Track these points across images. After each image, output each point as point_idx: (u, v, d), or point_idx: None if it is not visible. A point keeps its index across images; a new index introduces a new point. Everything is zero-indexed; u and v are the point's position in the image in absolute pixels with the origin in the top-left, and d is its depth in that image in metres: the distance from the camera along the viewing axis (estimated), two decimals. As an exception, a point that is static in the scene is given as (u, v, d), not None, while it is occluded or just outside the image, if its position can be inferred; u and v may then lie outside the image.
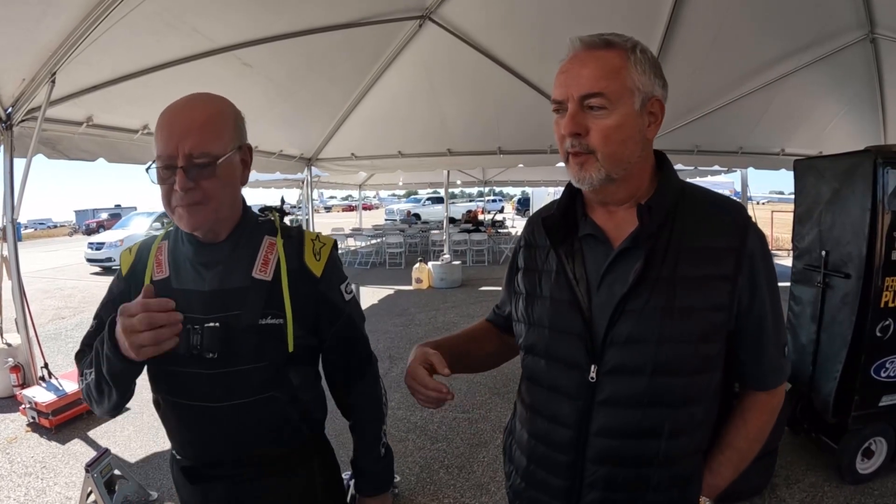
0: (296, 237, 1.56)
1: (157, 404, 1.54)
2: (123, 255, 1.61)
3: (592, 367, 1.23)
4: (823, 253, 3.84)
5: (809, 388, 3.91)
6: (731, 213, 1.25)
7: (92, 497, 3.48)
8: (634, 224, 1.22)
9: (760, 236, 1.24)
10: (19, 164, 5.24)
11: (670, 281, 1.18)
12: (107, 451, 3.67)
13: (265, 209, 1.61)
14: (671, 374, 1.19)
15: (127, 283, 1.56)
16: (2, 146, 5.10)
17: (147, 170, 1.36)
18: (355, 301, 1.66)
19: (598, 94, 1.16)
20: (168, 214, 1.42)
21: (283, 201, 9.94)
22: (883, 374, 3.59)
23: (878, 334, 3.53)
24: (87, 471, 3.45)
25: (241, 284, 1.45)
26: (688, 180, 1.37)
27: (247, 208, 1.55)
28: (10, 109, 5.01)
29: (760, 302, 1.22)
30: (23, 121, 5.08)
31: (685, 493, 1.29)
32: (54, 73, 4.73)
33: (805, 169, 4.14)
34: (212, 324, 1.40)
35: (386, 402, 1.74)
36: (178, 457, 1.57)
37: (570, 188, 1.36)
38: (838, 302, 3.74)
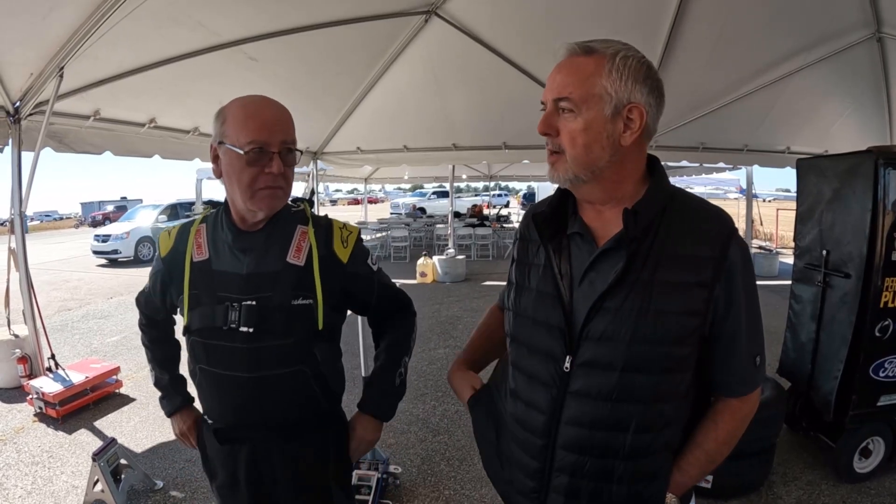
0: (325, 226, 1.74)
1: (194, 374, 1.73)
2: (162, 237, 1.78)
3: (568, 358, 1.30)
4: (824, 252, 3.84)
5: (808, 386, 3.92)
6: (716, 222, 1.28)
7: (98, 486, 3.54)
8: (621, 225, 1.26)
9: (743, 248, 1.27)
10: (27, 157, 5.29)
11: (648, 284, 1.23)
12: (113, 440, 3.72)
13: (296, 200, 1.78)
14: (641, 372, 1.25)
15: (165, 264, 1.74)
16: (10, 140, 5.14)
17: (245, 153, 1.51)
18: (381, 270, 1.88)
19: (566, 98, 1.24)
20: (244, 198, 1.56)
21: (312, 192, 10.01)
22: (881, 374, 3.60)
23: (878, 334, 3.54)
24: (93, 460, 3.49)
25: (274, 268, 1.62)
26: (693, 177, 1.40)
27: None
28: (18, 103, 5.04)
29: (735, 312, 1.27)
30: (31, 114, 5.12)
31: (650, 488, 1.34)
32: (62, 68, 4.76)
33: (807, 168, 4.14)
34: (249, 302, 1.59)
35: (414, 342, 1.96)
36: (209, 421, 1.77)
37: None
38: (838, 301, 3.75)
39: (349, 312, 1.84)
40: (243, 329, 1.58)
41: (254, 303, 1.58)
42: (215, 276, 1.64)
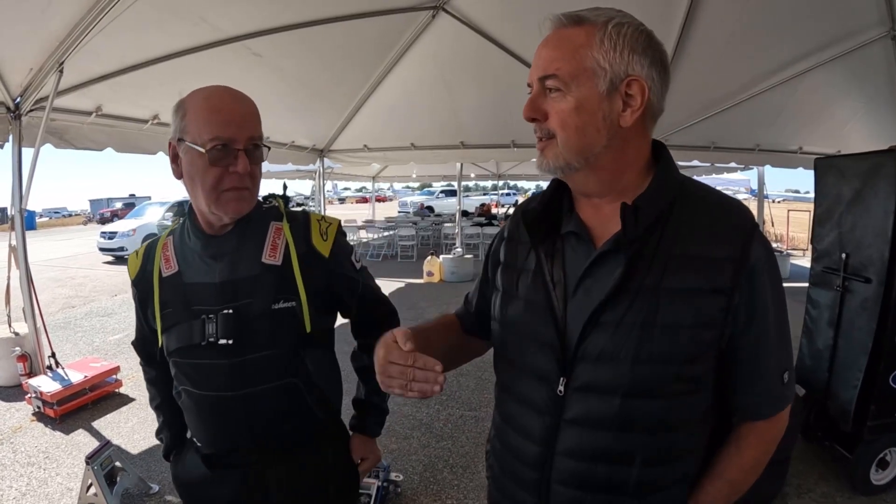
0: (301, 220, 1.60)
1: (178, 396, 1.61)
2: (131, 260, 1.67)
3: (562, 380, 1.13)
4: (843, 255, 3.72)
5: (825, 394, 3.81)
6: (735, 217, 1.11)
7: (92, 489, 3.46)
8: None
9: (766, 246, 1.11)
10: (27, 153, 5.23)
11: (654, 292, 1.07)
12: (108, 443, 3.65)
13: (268, 196, 1.65)
14: (648, 397, 1.09)
15: (137, 288, 1.64)
16: (10, 136, 5.08)
17: (207, 151, 1.38)
18: (365, 269, 1.76)
19: (553, 76, 1.08)
20: (209, 202, 1.44)
21: (285, 187, 9.92)
22: (902, 384, 3.49)
23: (899, 342, 3.43)
24: (87, 463, 3.42)
25: (250, 272, 1.50)
26: (703, 177, 1.23)
27: None
28: (18, 99, 4.99)
29: (760, 322, 1.10)
30: (31, 110, 5.06)
31: None
32: (62, 63, 4.70)
33: (826, 168, 4.02)
34: (226, 311, 1.46)
35: None
36: (197, 444, 1.62)
37: (555, 180, 1.25)
38: (857, 307, 3.63)
39: None
40: (223, 342, 1.45)
41: (231, 311, 1.46)
42: (188, 290, 1.51)
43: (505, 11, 6.77)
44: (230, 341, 1.45)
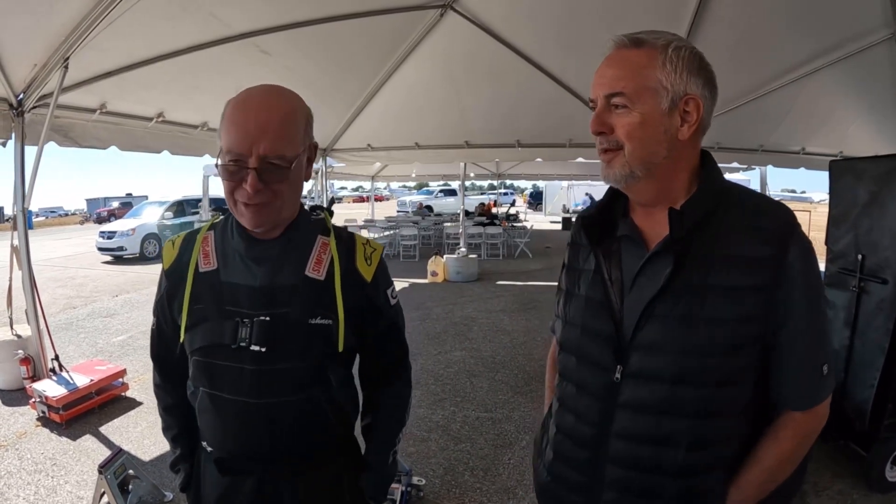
0: (347, 240, 1.58)
1: (194, 396, 1.55)
2: (166, 249, 1.61)
3: (618, 367, 1.25)
4: (859, 257, 3.76)
5: (841, 394, 3.80)
6: (775, 218, 1.21)
7: (105, 498, 3.37)
8: None
9: (805, 247, 1.19)
10: (30, 151, 5.14)
11: (699, 289, 1.18)
12: (120, 450, 3.55)
13: (315, 208, 1.63)
14: (693, 385, 1.19)
15: (169, 279, 1.57)
16: (13, 133, 5.00)
17: (217, 164, 1.37)
18: (399, 307, 1.71)
19: (619, 94, 1.20)
20: (229, 208, 1.43)
21: (332, 202, 9.84)
22: (917, 383, 3.49)
23: (914, 341, 3.43)
24: (100, 472, 3.33)
25: (291, 282, 1.46)
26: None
27: (302, 205, 1.57)
28: (21, 96, 4.90)
29: (797, 318, 1.18)
30: (34, 107, 4.98)
31: None
32: (67, 59, 4.61)
33: (842, 170, 4.06)
34: (262, 317, 1.42)
35: (409, 412, 1.79)
36: (209, 449, 1.56)
37: (611, 189, 1.39)
38: (874, 307, 3.67)
39: None
40: (254, 348, 1.41)
41: (268, 318, 1.42)
42: (224, 289, 1.46)
43: (513, 11, 6.73)
44: (262, 349, 1.42)
